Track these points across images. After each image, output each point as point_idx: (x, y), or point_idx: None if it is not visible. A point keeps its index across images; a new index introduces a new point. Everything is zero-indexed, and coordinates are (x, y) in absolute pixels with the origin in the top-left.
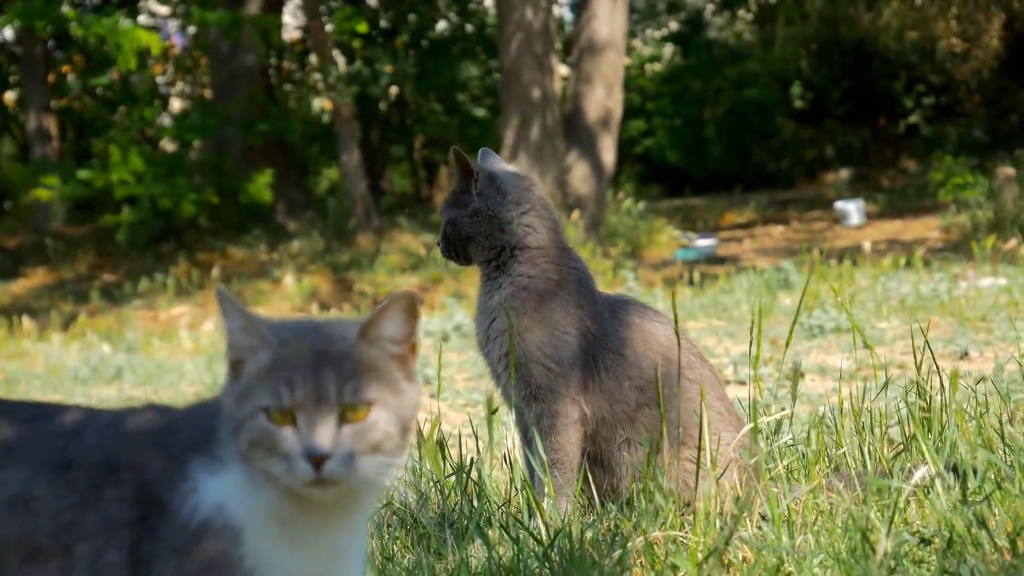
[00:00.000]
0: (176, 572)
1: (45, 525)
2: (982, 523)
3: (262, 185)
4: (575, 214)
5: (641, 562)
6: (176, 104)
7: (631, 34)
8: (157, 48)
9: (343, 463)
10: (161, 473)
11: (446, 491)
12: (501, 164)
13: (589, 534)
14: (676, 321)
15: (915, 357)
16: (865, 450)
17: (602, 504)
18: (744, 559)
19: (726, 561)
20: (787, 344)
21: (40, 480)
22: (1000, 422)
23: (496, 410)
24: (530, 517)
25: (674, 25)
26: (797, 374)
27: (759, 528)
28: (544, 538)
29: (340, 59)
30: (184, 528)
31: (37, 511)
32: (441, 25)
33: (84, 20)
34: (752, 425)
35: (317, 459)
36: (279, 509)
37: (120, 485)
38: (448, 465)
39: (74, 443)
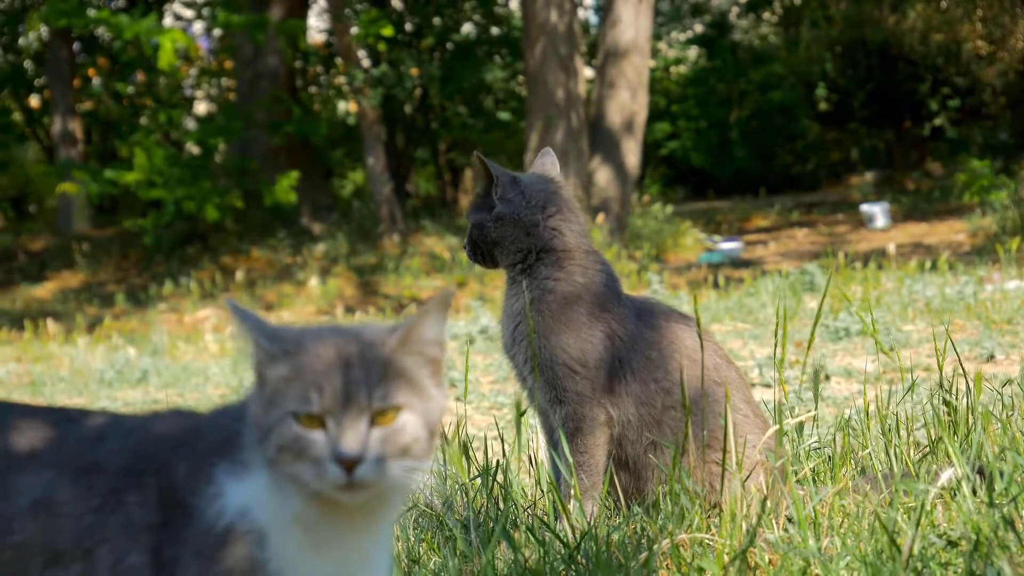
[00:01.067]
0: (198, 575)
1: (67, 529)
2: (1009, 525)
3: (286, 187)
4: (600, 217)
5: (667, 564)
6: (201, 107)
7: (656, 37)
8: (194, 49)
9: (374, 467)
10: (186, 477)
11: (472, 493)
12: (551, 165)
13: (615, 536)
14: (699, 324)
15: (940, 360)
16: (891, 452)
17: (628, 506)
18: (770, 561)
19: (752, 563)
20: (809, 346)
21: (63, 484)
22: None
23: (524, 412)
24: (556, 519)
25: (699, 28)
26: (819, 376)
27: (785, 530)
28: (570, 540)
29: (365, 62)
30: (209, 532)
31: (60, 515)
32: (466, 28)
33: (116, 21)
34: (778, 427)
35: (348, 463)
36: (304, 514)
37: (143, 489)
38: (474, 467)
39: (98, 447)
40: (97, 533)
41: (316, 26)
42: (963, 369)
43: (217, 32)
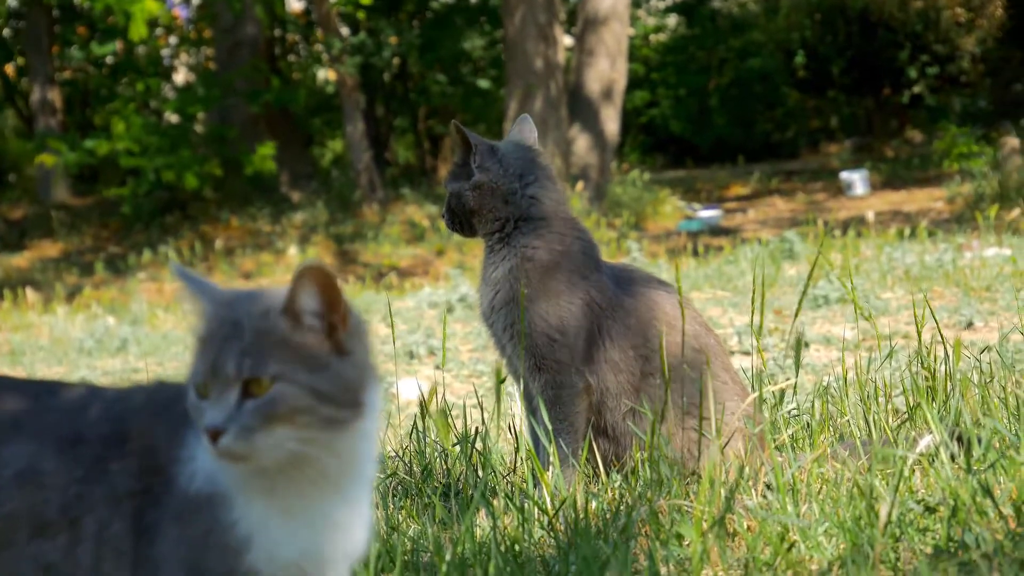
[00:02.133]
0: (176, 539)
1: (53, 499)
2: (987, 491)
3: (266, 156)
4: (579, 185)
5: (646, 531)
6: (181, 76)
7: (635, 4)
8: (165, 18)
9: (238, 437)
10: (163, 444)
11: (451, 461)
12: (528, 132)
13: (594, 504)
14: (680, 291)
15: (919, 327)
16: (870, 419)
17: (607, 474)
18: (749, 528)
19: (731, 530)
20: (795, 315)
21: (47, 454)
22: (1004, 391)
23: (504, 380)
24: (535, 487)
25: None
26: (800, 343)
27: (764, 497)
28: (549, 508)
29: (344, 30)
30: (183, 496)
31: (45, 485)
32: None
33: None
34: (757, 395)
35: (211, 433)
36: (254, 479)
37: (125, 457)
38: (453, 435)
39: (80, 418)
40: (82, 503)
41: None
42: (942, 336)
43: (196, 0)
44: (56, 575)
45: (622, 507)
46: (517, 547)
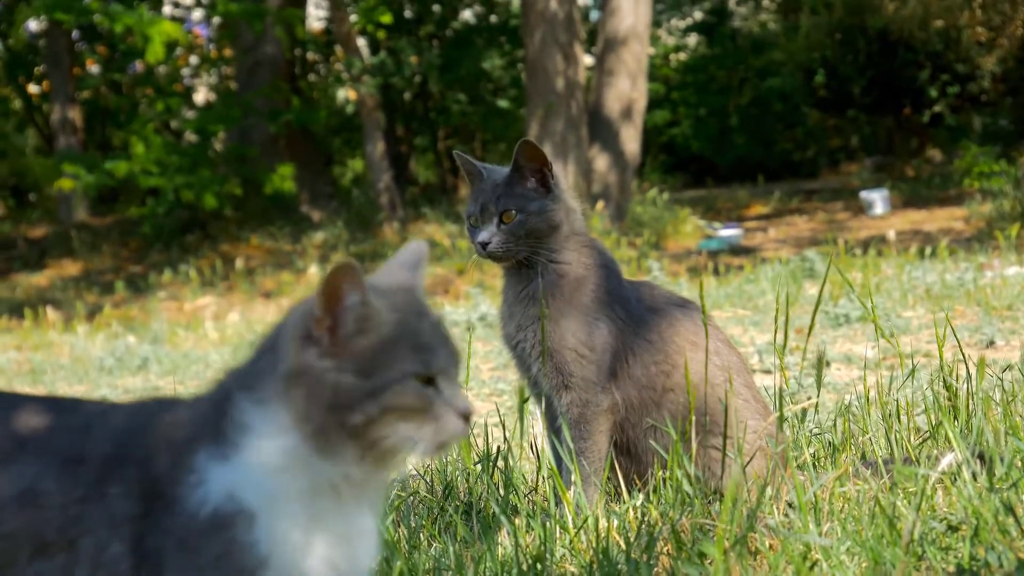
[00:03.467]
0: (188, 566)
1: (53, 519)
2: (1009, 510)
3: (286, 176)
4: (600, 204)
5: (668, 550)
6: (201, 96)
7: (655, 24)
8: (184, 39)
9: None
10: (166, 468)
11: (472, 480)
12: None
13: (616, 522)
14: (704, 308)
15: (940, 345)
16: (891, 438)
17: (629, 492)
18: (771, 546)
19: (753, 549)
20: (809, 332)
21: (50, 474)
22: None
23: (527, 399)
24: (557, 505)
25: (699, 15)
26: (822, 362)
27: (786, 515)
28: (571, 526)
29: (364, 49)
30: (192, 520)
31: (45, 505)
32: (466, 15)
33: (111, 12)
34: (778, 413)
35: (466, 415)
36: (308, 489)
37: (125, 480)
38: (474, 454)
39: (84, 438)
40: (81, 524)
41: (315, 14)
42: (963, 355)
43: (217, 20)
44: None
45: (644, 526)
46: (539, 566)
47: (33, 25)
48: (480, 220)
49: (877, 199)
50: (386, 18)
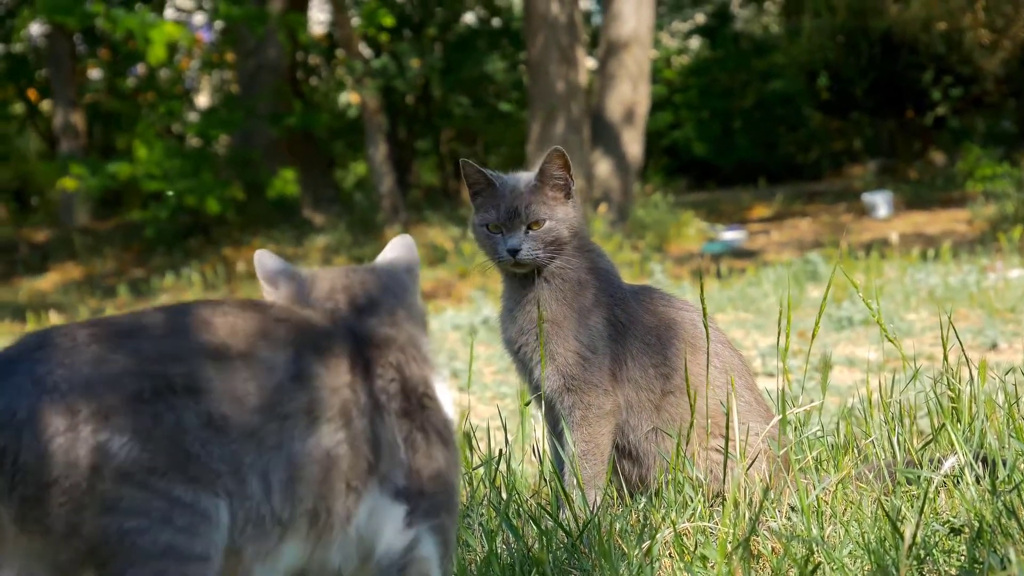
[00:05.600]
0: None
1: (324, 398)
2: (1012, 513)
3: (288, 179)
4: (602, 207)
5: (670, 553)
6: (203, 99)
7: (658, 27)
8: (187, 41)
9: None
10: (417, 372)
11: (474, 483)
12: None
13: (618, 525)
14: (704, 311)
15: (944, 348)
16: (894, 440)
17: (631, 495)
18: (773, 550)
19: (755, 552)
20: (813, 335)
21: (310, 359)
22: None
23: (529, 402)
24: (559, 508)
25: (701, 18)
26: (827, 364)
27: (788, 519)
28: (573, 529)
29: (367, 52)
30: (443, 419)
31: (315, 387)
32: (468, 18)
33: (112, 15)
34: (781, 416)
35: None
36: None
37: (384, 369)
38: (476, 457)
39: (319, 333)
40: (341, 400)
41: (317, 18)
42: (966, 357)
43: (219, 24)
44: (333, 460)
45: (646, 529)
46: (541, 569)
47: (35, 28)
48: (506, 228)
49: (880, 201)
50: (388, 20)
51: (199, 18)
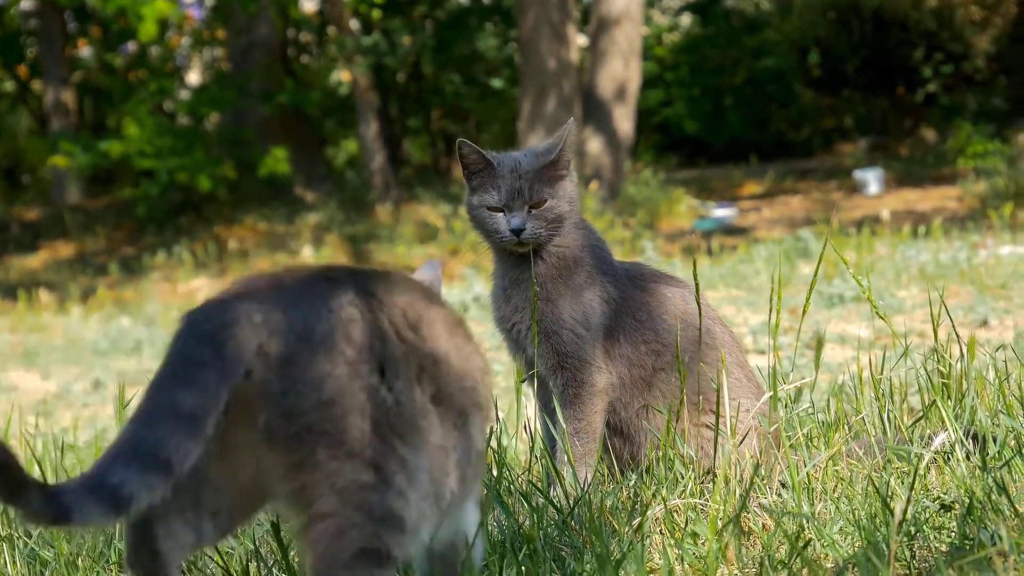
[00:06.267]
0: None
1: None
2: (1003, 489)
3: (280, 157)
4: (593, 184)
5: (661, 530)
6: (194, 77)
7: (649, 4)
8: (177, 18)
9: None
10: None
11: None
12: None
13: (609, 502)
14: (697, 288)
15: (935, 325)
16: (885, 417)
17: (622, 472)
18: (764, 526)
19: (746, 528)
20: (803, 313)
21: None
22: (1020, 389)
23: (524, 379)
24: (550, 486)
25: None
26: (821, 342)
27: (779, 495)
28: (564, 506)
29: (358, 29)
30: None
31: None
32: None
33: None
34: (772, 393)
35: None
36: None
37: None
38: None
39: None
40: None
41: None
42: (957, 335)
43: (210, 1)
44: None
45: (637, 506)
46: (532, 546)
47: (26, 5)
48: (508, 207)
49: (871, 179)
50: None
51: None
